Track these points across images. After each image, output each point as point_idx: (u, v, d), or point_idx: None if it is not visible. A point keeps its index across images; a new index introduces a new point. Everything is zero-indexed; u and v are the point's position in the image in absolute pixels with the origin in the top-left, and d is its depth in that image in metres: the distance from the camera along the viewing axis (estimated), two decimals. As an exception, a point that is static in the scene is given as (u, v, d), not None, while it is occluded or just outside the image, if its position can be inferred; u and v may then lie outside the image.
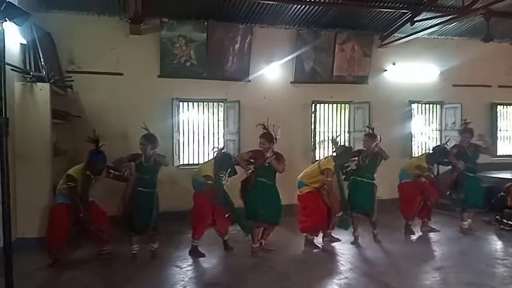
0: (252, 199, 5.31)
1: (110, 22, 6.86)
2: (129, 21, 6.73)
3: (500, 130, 9.45)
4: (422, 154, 6.61)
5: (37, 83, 5.38)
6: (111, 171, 5.05)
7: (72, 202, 4.82)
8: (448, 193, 6.35)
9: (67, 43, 6.66)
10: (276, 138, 5.44)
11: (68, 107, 6.40)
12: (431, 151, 6.47)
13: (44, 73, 5.56)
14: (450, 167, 6.39)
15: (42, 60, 5.72)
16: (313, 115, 8.07)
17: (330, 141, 5.69)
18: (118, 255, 5.13)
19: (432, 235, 6.26)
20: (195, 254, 5.26)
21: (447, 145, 6.45)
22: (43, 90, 5.40)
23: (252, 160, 5.36)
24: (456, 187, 6.24)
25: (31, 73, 5.44)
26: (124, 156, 4.95)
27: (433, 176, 6.22)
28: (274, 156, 5.27)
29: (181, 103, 7.42)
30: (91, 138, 4.94)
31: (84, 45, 6.75)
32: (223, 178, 5.27)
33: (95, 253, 5.16)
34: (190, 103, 7.57)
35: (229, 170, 5.30)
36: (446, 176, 6.48)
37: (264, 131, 5.39)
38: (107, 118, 6.76)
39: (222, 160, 5.30)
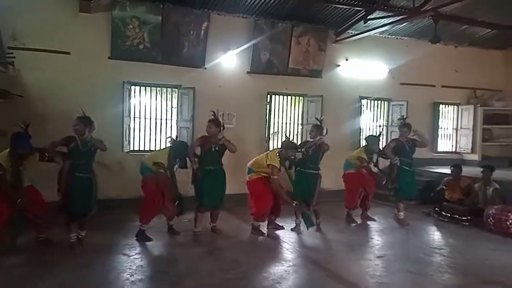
0: (199, 187, 5.40)
1: (58, -3, 6.46)
2: (79, -3, 6.41)
3: (441, 128, 10.00)
4: (363, 146, 6.89)
5: (-26, 58, 4.98)
6: (46, 154, 4.73)
7: (2, 190, 4.48)
8: (384, 182, 6.64)
9: (10, 16, 6.18)
10: (223, 126, 5.50)
11: (9, 86, 5.94)
12: (365, 142, 6.76)
13: (-18, 47, 5.16)
14: (388, 160, 6.68)
15: (-20, 33, 5.29)
16: (268, 106, 8.10)
17: (282, 137, 5.80)
18: (61, 242, 4.88)
19: (375, 224, 6.55)
20: (142, 238, 5.18)
21: (380, 134, 6.76)
22: (-20, 65, 5.01)
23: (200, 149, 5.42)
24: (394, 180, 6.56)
25: (-32, 46, 5.03)
26: (57, 140, 4.64)
27: (372, 166, 6.51)
28: (224, 138, 5.35)
29: (133, 87, 7.16)
30: (22, 124, 4.54)
31: (29, 20, 6.30)
32: (175, 168, 5.26)
33: (33, 240, 4.90)
34: (143, 88, 7.33)
35: (179, 160, 5.28)
36: (386, 171, 6.75)
37: (213, 116, 5.49)
38: (52, 99, 6.41)
39: (179, 149, 5.26)
